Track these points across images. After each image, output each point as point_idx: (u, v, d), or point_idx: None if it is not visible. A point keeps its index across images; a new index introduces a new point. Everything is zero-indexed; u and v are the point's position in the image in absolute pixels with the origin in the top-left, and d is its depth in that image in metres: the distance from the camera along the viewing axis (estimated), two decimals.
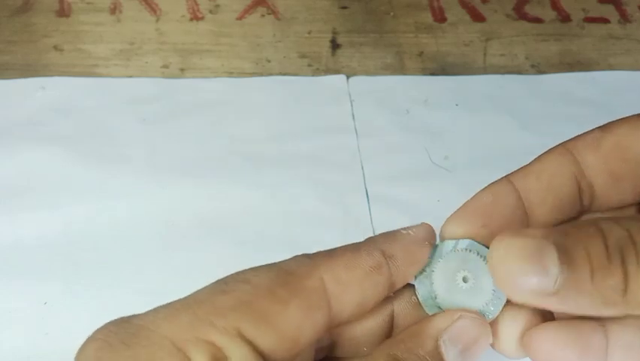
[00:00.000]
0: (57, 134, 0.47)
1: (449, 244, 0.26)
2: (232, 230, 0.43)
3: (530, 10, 0.60)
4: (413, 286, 0.26)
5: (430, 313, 0.26)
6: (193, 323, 0.21)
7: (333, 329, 0.24)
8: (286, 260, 0.24)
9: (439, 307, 0.26)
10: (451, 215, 0.28)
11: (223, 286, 0.22)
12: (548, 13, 0.59)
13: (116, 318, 0.22)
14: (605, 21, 0.59)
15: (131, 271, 0.40)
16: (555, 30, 0.58)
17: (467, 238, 0.26)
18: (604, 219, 0.23)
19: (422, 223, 0.26)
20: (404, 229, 0.26)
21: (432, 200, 0.45)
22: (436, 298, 0.26)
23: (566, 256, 0.21)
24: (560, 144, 0.29)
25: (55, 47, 0.53)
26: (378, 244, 0.25)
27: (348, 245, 0.25)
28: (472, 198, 0.28)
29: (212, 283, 0.23)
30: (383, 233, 0.25)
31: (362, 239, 0.44)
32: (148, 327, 0.21)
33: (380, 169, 0.47)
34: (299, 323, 0.22)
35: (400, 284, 0.25)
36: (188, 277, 0.40)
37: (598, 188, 0.27)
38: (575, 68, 0.55)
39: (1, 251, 0.41)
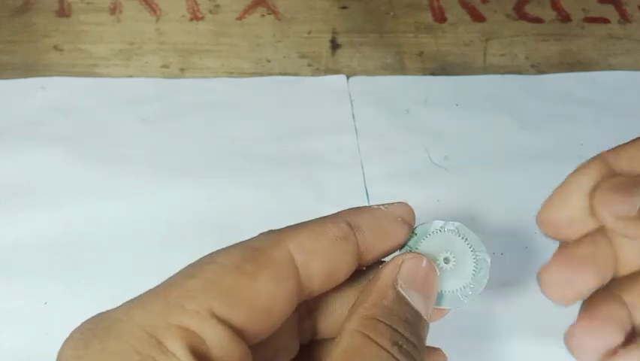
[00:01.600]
0: (57, 134, 0.47)
1: (437, 224, 0.27)
2: (232, 230, 0.43)
3: (530, 10, 0.60)
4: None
5: None
6: (164, 309, 0.21)
7: (308, 300, 0.25)
8: (252, 237, 0.24)
9: None
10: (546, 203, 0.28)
11: (191, 270, 0.23)
12: (548, 13, 0.59)
13: (91, 316, 0.22)
14: (605, 21, 0.59)
15: (131, 271, 0.40)
16: (555, 30, 0.58)
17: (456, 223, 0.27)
18: None
19: (399, 201, 0.27)
20: (377, 204, 0.26)
21: (432, 200, 0.45)
22: None
23: None
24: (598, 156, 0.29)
25: (56, 47, 0.53)
26: (345, 215, 0.25)
27: (316, 218, 0.25)
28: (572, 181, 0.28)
29: (183, 268, 0.23)
30: (353, 207, 0.26)
31: None
32: (120, 318, 0.21)
33: (380, 169, 0.47)
34: (269, 294, 0.22)
35: (370, 256, 0.25)
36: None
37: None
38: (575, 68, 0.55)
39: (1, 251, 0.41)
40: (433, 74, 0.54)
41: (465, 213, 0.45)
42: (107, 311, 0.22)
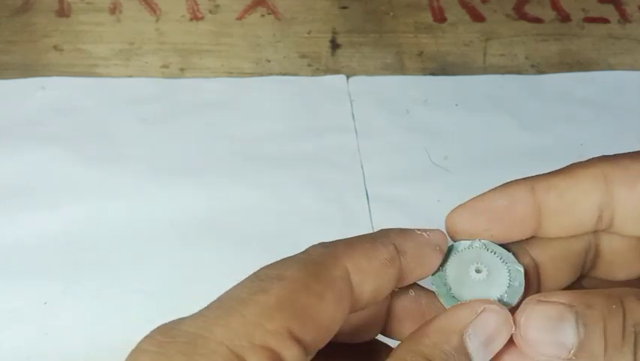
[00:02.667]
0: (57, 134, 0.47)
1: (465, 243, 0.27)
2: (232, 230, 0.43)
3: (530, 10, 0.60)
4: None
5: (447, 305, 0.26)
6: (245, 327, 0.21)
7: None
8: (308, 250, 0.24)
9: (455, 298, 0.26)
10: (460, 207, 0.28)
11: (260, 283, 0.23)
12: (548, 13, 0.59)
13: (159, 326, 0.22)
14: (605, 21, 0.59)
15: (131, 271, 0.40)
16: (555, 30, 0.58)
17: (472, 237, 0.27)
18: (630, 295, 0.23)
19: (437, 229, 0.27)
20: (419, 229, 0.27)
21: (432, 200, 0.45)
22: (450, 289, 0.26)
23: (584, 330, 0.22)
24: (596, 162, 0.27)
25: (55, 47, 0.53)
26: (393, 238, 0.26)
27: (363, 236, 0.26)
28: (485, 196, 0.28)
29: (247, 280, 0.23)
30: (398, 229, 0.26)
31: None
32: (202, 334, 0.21)
33: (380, 169, 0.47)
34: (332, 315, 0.23)
35: (407, 281, 0.25)
36: (188, 276, 0.40)
37: (618, 227, 0.26)
38: (574, 68, 0.55)
39: (1, 251, 0.41)
40: (432, 74, 0.54)
41: None
42: (178, 323, 0.22)
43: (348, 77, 0.53)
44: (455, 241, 0.28)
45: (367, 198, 0.45)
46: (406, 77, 0.53)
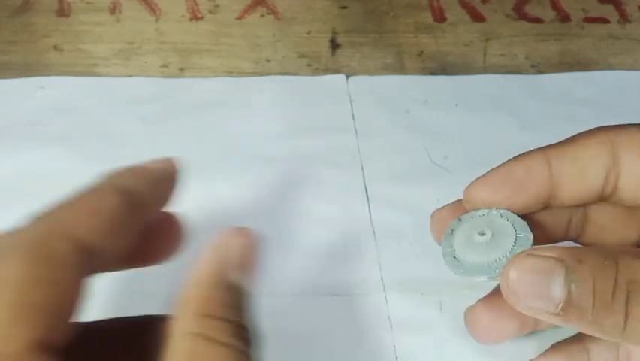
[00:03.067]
0: (57, 134, 0.47)
1: (482, 211, 0.27)
2: None
3: (530, 10, 0.60)
4: None
5: (448, 266, 0.26)
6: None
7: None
8: (27, 227, 0.24)
9: (456, 259, 0.26)
10: (479, 179, 0.28)
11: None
12: (548, 13, 0.59)
13: None
14: (605, 21, 0.59)
15: (132, 271, 0.40)
16: (555, 30, 0.58)
17: (488, 206, 0.27)
18: (625, 253, 0.23)
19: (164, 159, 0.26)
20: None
21: (432, 200, 0.45)
22: (454, 251, 0.26)
23: (573, 285, 0.22)
24: (602, 130, 0.28)
25: (55, 47, 0.53)
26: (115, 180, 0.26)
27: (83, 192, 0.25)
28: (503, 167, 0.28)
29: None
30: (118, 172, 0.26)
31: (362, 239, 0.44)
32: None
33: (380, 169, 0.47)
34: (73, 296, 0.21)
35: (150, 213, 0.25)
36: (188, 276, 0.40)
37: (622, 190, 0.27)
38: (574, 68, 0.55)
39: None
40: (432, 74, 0.54)
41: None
42: None
43: (348, 77, 0.53)
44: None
45: (367, 198, 0.45)
46: (406, 77, 0.53)
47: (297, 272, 0.41)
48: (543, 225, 0.28)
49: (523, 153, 0.28)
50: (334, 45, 0.55)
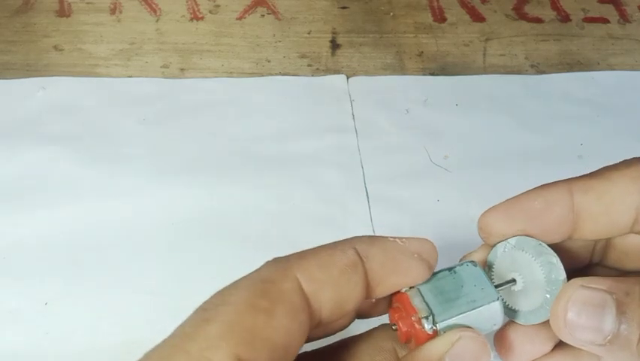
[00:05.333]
0: (57, 134, 0.47)
1: (499, 247, 0.27)
2: (232, 230, 0.43)
3: (530, 10, 0.60)
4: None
5: (510, 318, 0.26)
6: None
7: (316, 328, 0.24)
8: (259, 268, 0.23)
9: (513, 310, 0.26)
10: (494, 208, 0.27)
11: (204, 314, 0.22)
12: (548, 13, 0.59)
13: None
14: (605, 21, 0.59)
15: (132, 272, 0.40)
16: (555, 30, 0.58)
17: (502, 237, 0.26)
18: None
19: (422, 238, 0.26)
20: (394, 237, 0.25)
21: (432, 200, 0.45)
22: (506, 303, 0.26)
23: (623, 317, 0.22)
24: (634, 164, 0.26)
25: (56, 47, 0.53)
26: (355, 243, 0.24)
27: (325, 245, 0.24)
28: (521, 198, 0.26)
29: (194, 313, 0.22)
30: (365, 236, 0.25)
31: None
32: None
33: (380, 169, 0.47)
34: (287, 330, 0.22)
35: (379, 289, 0.24)
36: (188, 277, 0.40)
37: None
38: (574, 68, 0.55)
39: (1, 251, 0.41)
40: (432, 74, 0.54)
41: (465, 213, 0.45)
42: None
43: (348, 77, 0.53)
44: (490, 243, 0.27)
45: (367, 198, 0.45)
46: (406, 77, 0.53)
47: None
48: (567, 251, 0.27)
49: (546, 184, 0.27)
50: (334, 45, 0.56)
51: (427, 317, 0.24)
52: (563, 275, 0.25)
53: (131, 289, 0.40)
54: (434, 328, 0.24)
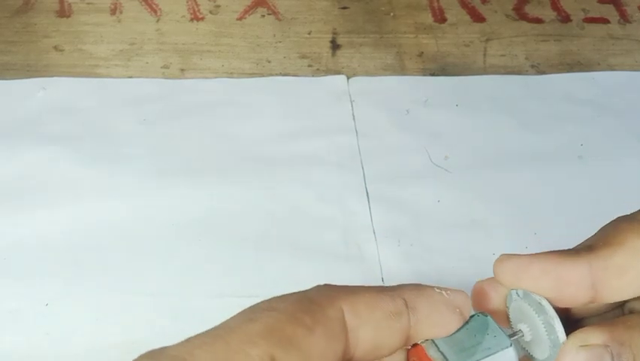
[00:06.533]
0: (58, 134, 0.47)
1: (509, 299, 0.27)
2: (232, 230, 0.43)
3: (530, 10, 0.60)
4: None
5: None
6: (227, 353, 0.21)
7: None
8: (309, 289, 0.24)
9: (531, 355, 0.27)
10: (510, 260, 0.27)
11: (250, 314, 0.23)
12: (548, 14, 0.59)
13: (147, 351, 0.22)
14: (605, 21, 0.59)
15: (132, 272, 0.40)
16: (555, 30, 0.58)
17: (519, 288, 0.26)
18: None
19: (459, 290, 0.26)
20: (439, 287, 0.26)
21: (432, 200, 0.45)
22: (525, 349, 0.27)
23: None
24: None
25: (56, 48, 0.54)
26: (404, 292, 0.25)
27: (374, 286, 0.25)
28: (537, 260, 0.26)
29: (241, 312, 0.23)
30: (414, 284, 0.25)
31: (362, 239, 0.44)
32: (185, 358, 0.21)
33: (380, 169, 0.47)
34: (322, 350, 0.22)
35: (417, 339, 0.25)
36: (188, 277, 0.40)
37: None
38: (575, 69, 0.55)
39: (2, 251, 0.41)
40: (433, 74, 0.54)
41: (465, 213, 0.45)
42: (164, 348, 0.22)
43: (348, 78, 0.53)
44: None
45: (367, 198, 0.45)
46: (406, 78, 0.53)
47: (297, 272, 0.41)
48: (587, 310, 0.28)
49: (565, 253, 0.26)
50: (335, 46, 0.56)
51: None
52: (563, 338, 0.26)
53: (131, 290, 0.40)
54: None
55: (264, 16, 0.57)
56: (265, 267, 0.41)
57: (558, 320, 0.25)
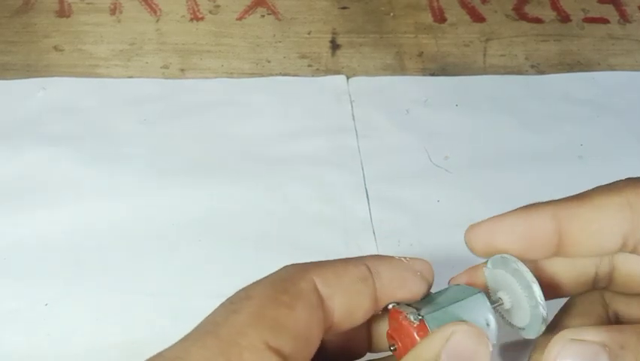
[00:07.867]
0: (58, 134, 0.47)
1: (486, 270, 0.27)
2: (232, 230, 0.43)
3: (530, 10, 0.60)
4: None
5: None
6: (221, 347, 0.22)
7: (327, 333, 0.25)
8: (277, 270, 0.25)
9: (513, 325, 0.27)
10: (478, 225, 0.28)
11: (231, 306, 0.24)
12: (548, 14, 0.60)
13: (147, 358, 0.23)
14: (605, 21, 0.59)
15: (132, 272, 0.40)
16: (555, 30, 0.58)
17: (489, 255, 0.27)
18: None
19: (421, 258, 0.27)
20: (399, 256, 0.27)
21: (432, 200, 0.45)
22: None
23: None
24: (622, 189, 0.26)
25: (56, 48, 0.54)
26: (366, 260, 0.26)
27: (339, 259, 0.26)
28: (504, 218, 0.27)
29: (220, 306, 0.24)
30: (374, 255, 0.27)
31: (362, 239, 0.44)
32: (181, 357, 0.22)
33: (380, 169, 0.47)
34: (307, 323, 0.23)
35: (386, 303, 0.26)
36: (188, 277, 0.40)
37: None
38: (575, 68, 0.55)
39: (2, 251, 0.41)
40: (433, 74, 0.54)
41: (465, 213, 0.45)
42: (164, 351, 0.23)
43: (348, 78, 0.53)
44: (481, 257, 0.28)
45: (367, 198, 0.45)
46: (406, 78, 0.53)
47: None
48: (569, 276, 0.28)
49: (533, 206, 0.27)
50: (335, 46, 0.56)
51: (412, 313, 0.25)
52: (542, 301, 0.25)
53: (131, 290, 0.40)
54: (420, 317, 0.25)
55: (263, 16, 0.57)
56: (265, 267, 0.41)
57: (537, 283, 0.25)
